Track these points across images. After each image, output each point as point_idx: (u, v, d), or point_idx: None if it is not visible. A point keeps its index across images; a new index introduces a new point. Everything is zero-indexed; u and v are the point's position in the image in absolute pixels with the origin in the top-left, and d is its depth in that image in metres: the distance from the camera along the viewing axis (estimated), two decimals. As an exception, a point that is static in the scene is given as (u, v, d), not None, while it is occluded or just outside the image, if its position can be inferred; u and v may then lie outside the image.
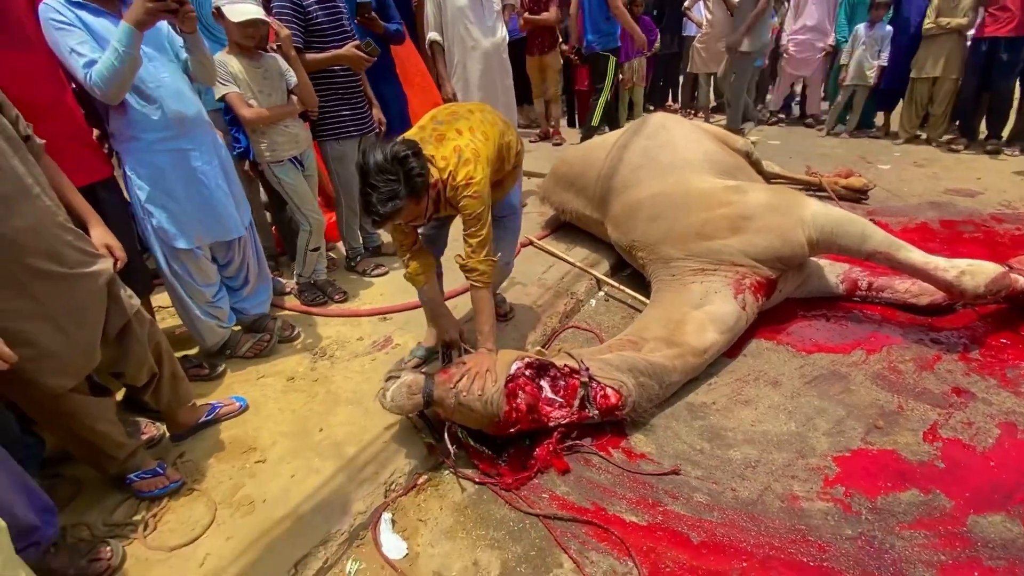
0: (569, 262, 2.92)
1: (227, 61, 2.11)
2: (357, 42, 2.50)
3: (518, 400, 1.67)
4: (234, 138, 2.43)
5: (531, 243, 3.14)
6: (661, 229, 2.33)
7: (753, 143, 3.55)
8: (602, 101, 4.43)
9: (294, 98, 2.33)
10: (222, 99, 2.14)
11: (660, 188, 2.43)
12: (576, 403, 1.73)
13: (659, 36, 5.92)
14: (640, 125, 2.87)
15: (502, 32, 3.30)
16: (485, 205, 1.66)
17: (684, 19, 6.12)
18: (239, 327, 2.23)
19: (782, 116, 6.21)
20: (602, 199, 2.76)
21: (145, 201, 1.82)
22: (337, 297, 2.62)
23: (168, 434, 1.80)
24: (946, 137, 4.83)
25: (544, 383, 1.75)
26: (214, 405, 1.86)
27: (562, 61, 5.28)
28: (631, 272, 2.79)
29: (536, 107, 5.62)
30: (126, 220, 1.86)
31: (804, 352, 2.21)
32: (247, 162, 2.47)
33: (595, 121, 4.46)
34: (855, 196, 3.65)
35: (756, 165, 3.22)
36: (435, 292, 1.94)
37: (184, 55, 1.84)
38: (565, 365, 1.78)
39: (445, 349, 1.92)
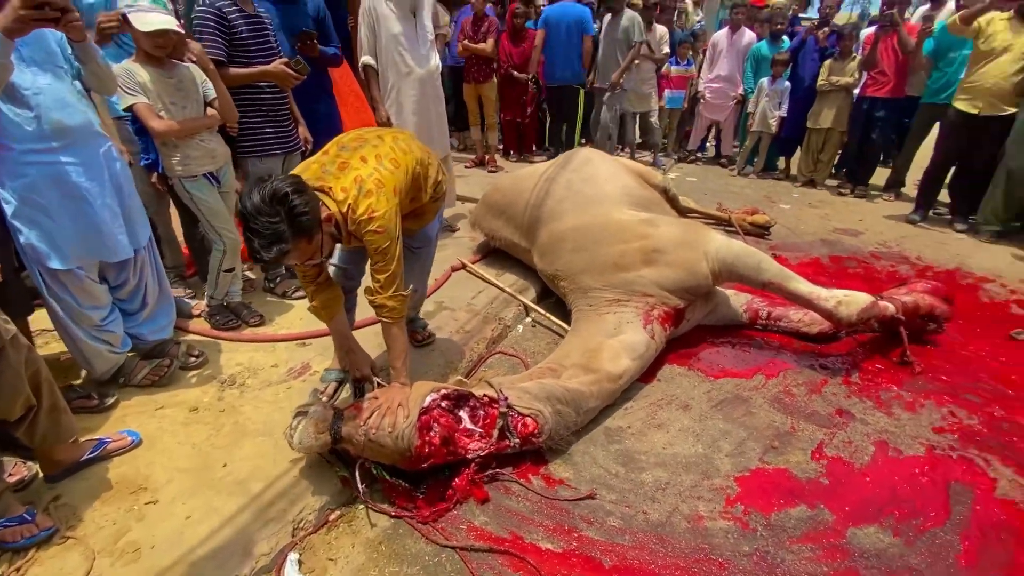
0: (498, 287, 2.96)
1: (135, 70, 1.99)
2: (285, 59, 2.44)
3: (431, 434, 1.64)
4: (142, 149, 2.28)
5: (463, 267, 3.16)
6: (582, 260, 2.43)
7: (672, 179, 3.82)
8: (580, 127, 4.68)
9: (211, 111, 2.23)
10: (128, 109, 2.00)
11: (582, 221, 2.53)
12: (495, 433, 1.72)
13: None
14: (567, 159, 3.00)
15: (435, 60, 3.35)
16: (392, 239, 1.57)
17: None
18: (134, 353, 2.05)
19: (699, 155, 6.72)
20: (530, 229, 2.84)
21: (12, 216, 1.65)
22: (252, 321, 2.49)
23: (42, 474, 1.61)
24: (835, 182, 5.44)
25: (463, 413, 1.74)
26: (101, 440, 1.69)
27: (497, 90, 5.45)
28: (557, 299, 2.87)
29: (472, 133, 5.72)
30: (2, 235, 1.68)
31: (712, 377, 2.36)
32: (155, 175, 2.31)
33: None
34: (759, 232, 4.00)
35: (673, 201, 3.45)
36: (343, 327, 1.85)
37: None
38: (484, 395, 1.78)
39: (356, 384, 1.85)
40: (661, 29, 5.67)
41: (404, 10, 3.09)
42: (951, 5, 4.62)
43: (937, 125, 4.46)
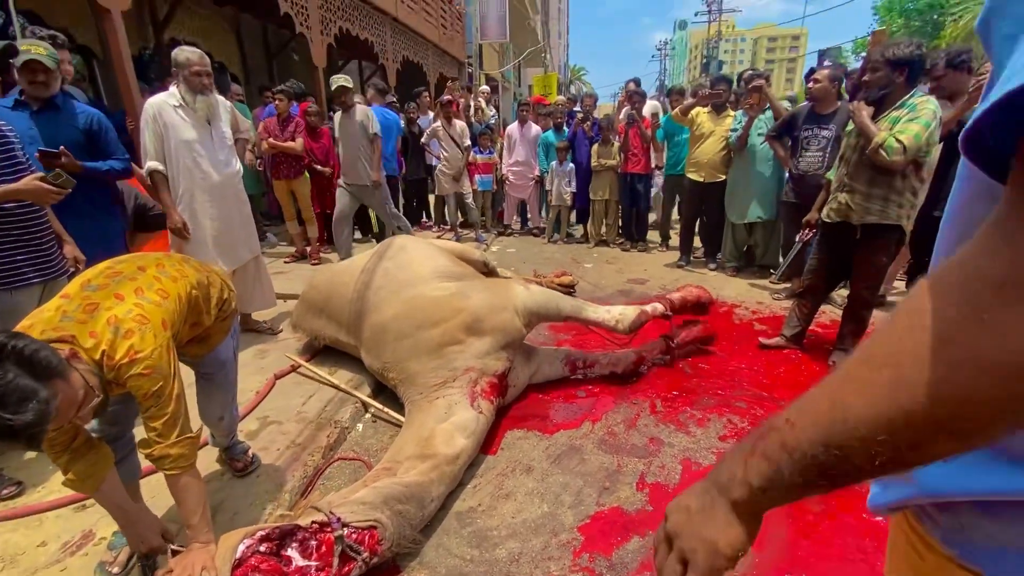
0: (333, 385, 2.83)
1: None
2: (40, 174, 2.14)
3: None
4: None
5: (292, 370, 2.96)
6: (406, 347, 2.49)
7: (495, 251, 4.16)
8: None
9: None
10: None
11: (401, 308, 2.60)
12: (335, 560, 1.56)
13: (405, 165, 6.70)
14: (384, 248, 3.08)
15: (236, 164, 3.26)
16: (165, 377, 1.38)
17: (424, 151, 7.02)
18: None
19: (514, 229, 7.45)
20: (353, 324, 2.82)
21: None
22: (5, 492, 1.97)
23: None
24: (618, 240, 6.52)
25: (291, 552, 1.53)
26: None
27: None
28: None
29: (289, 228, 5.55)
30: None
31: (548, 433, 2.55)
32: None
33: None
34: (567, 291, 4.54)
35: (492, 273, 3.75)
36: (116, 494, 1.52)
37: None
38: (312, 522, 1.60)
39: (145, 561, 1.57)
40: (460, 124, 6.36)
41: (197, 119, 3.00)
42: (650, 103, 6.27)
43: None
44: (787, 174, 4.45)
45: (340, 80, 4.73)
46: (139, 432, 1.52)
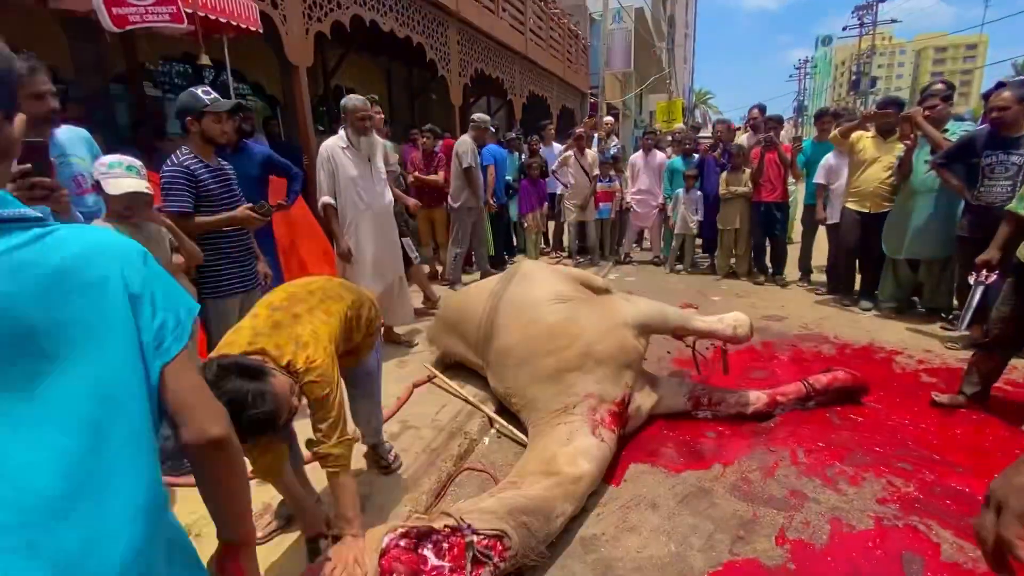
0: (464, 398, 3.02)
1: (105, 229, 2.10)
2: (250, 204, 2.64)
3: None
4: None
5: (428, 380, 3.24)
6: (526, 374, 2.57)
7: (612, 279, 4.17)
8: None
9: (176, 257, 2.33)
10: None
11: (520, 335, 2.68)
12: (468, 564, 1.65)
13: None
14: (511, 274, 3.22)
15: (389, 196, 3.70)
16: (331, 385, 1.60)
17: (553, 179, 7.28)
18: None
19: (632, 258, 7.35)
20: (480, 346, 2.98)
21: None
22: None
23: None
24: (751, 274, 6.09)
25: (427, 552, 1.64)
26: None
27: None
28: (518, 408, 2.95)
29: (423, 252, 6.08)
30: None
31: (674, 472, 2.46)
32: None
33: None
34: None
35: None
36: (292, 486, 1.77)
37: None
38: (445, 526, 1.70)
39: (311, 544, 1.77)
40: (592, 154, 6.55)
41: (360, 157, 3.48)
42: (787, 127, 5.79)
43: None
44: (962, 206, 3.86)
45: (481, 116, 5.28)
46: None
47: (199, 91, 2.44)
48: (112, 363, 0.74)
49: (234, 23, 3.71)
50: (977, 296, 3.50)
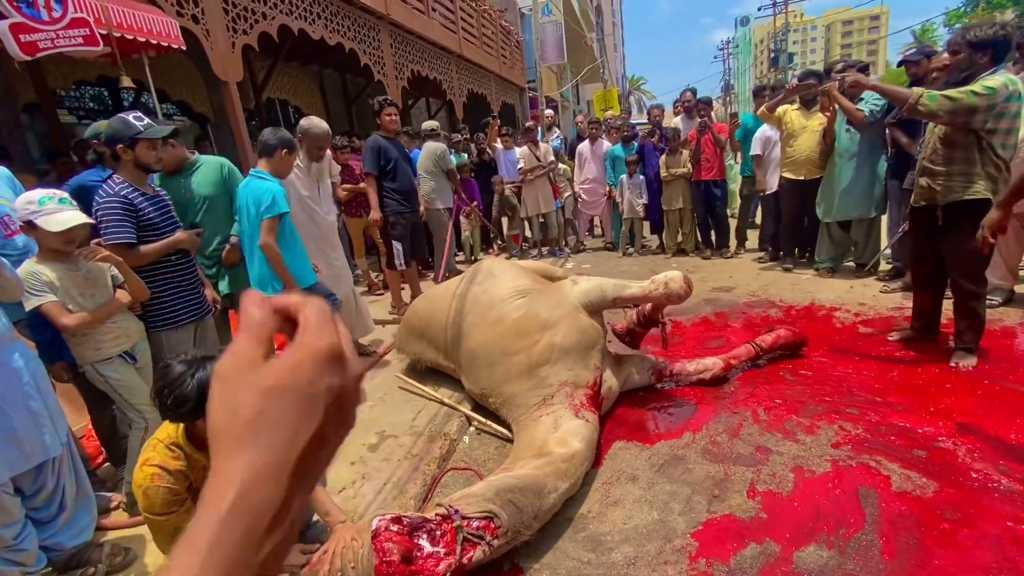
0: (438, 400, 3.03)
1: (40, 270, 1.98)
2: (184, 228, 2.58)
3: (389, 553, 1.63)
4: (39, 345, 2.18)
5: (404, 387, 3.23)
6: (499, 373, 2.62)
7: (570, 267, 4.28)
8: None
9: (120, 291, 2.23)
10: (34, 310, 1.96)
11: (489, 334, 2.72)
12: (459, 548, 1.71)
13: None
14: (473, 273, 3.24)
15: (334, 214, 3.74)
16: None
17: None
18: (50, 568, 1.82)
19: (585, 245, 7.53)
20: (450, 349, 3.00)
21: None
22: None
23: None
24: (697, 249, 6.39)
25: (422, 541, 1.71)
26: None
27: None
28: (493, 403, 3.00)
29: (359, 264, 5.95)
30: None
31: (648, 443, 2.58)
32: (60, 364, 2.21)
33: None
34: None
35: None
36: None
37: None
38: (436, 515, 1.78)
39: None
40: (544, 146, 6.66)
41: (311, 178, 3.45)
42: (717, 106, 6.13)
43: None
44: (886, 168, 4.23)
45: (432, 124, 5.37)
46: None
47: (130, 117, 2.33)
48: None
49: (154, 41, 3.55)
50: (894, 239, 4.04)
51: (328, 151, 3.78)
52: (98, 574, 1.85)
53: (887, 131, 4.32)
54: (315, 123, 3.45)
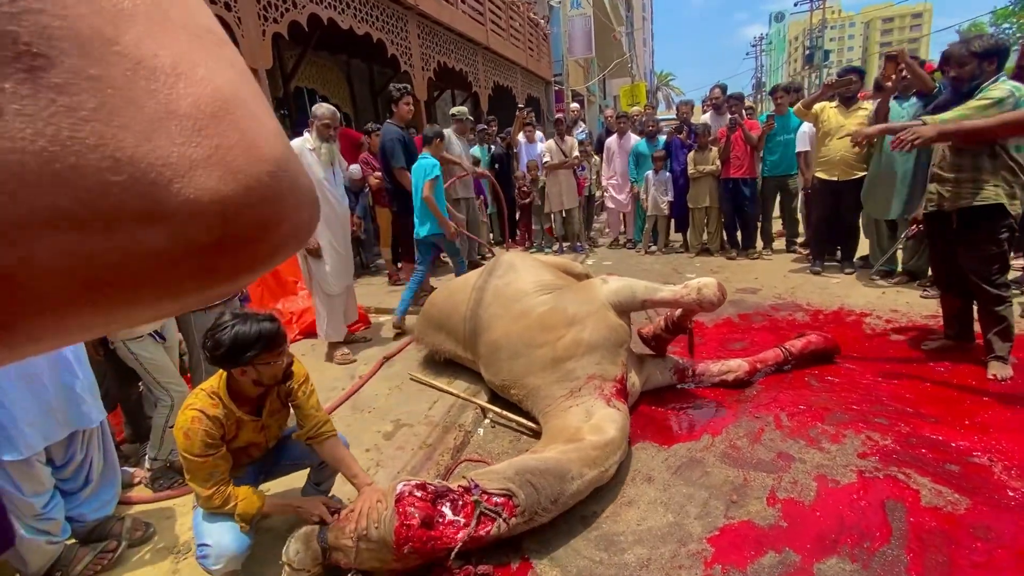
0: (452, 394, 3.03)
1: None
2: None
3: (411, 516, 1.72)
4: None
5: (399, 351, 3.25)
6: (522, 365, 2.60)
7: (591, 264, 4.22)
8: None
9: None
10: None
11: (512, 327, 2.71)
12: (474, 520, 1.79)
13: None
14: (493, 266, 3.22)
15: (346, 200, 3.75)
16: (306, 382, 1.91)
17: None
18: (74, 539, 1.87)
19: (619, 241, 7.41)
20: (469, 341, 2.99)
21: None
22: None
23: None
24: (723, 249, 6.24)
25: (445, 508, 1.81)
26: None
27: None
28: (509, 397, 2.98)
29: (384, 253, 5.97)
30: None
31: (666, 445, 2.53)
32: (94, 340, 2.27)
33: None
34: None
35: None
36: (274, 497, 1.89)
37: None
38: (459, 486, 1.88)
39: (322, 531, 1.78)
40: (571, 140, 6.54)
41: (324, 161, 3.47)
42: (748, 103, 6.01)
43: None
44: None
45: (461, 109, 5.35)
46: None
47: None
48: None
49: (188, 28, 3.60)
50: (895, 247, 4.32)
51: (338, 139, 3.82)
52: (120, 548, 1.89)
53: None
54: (319, 105, 3.53)
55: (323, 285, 3.53)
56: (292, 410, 1.89)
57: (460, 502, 1.82)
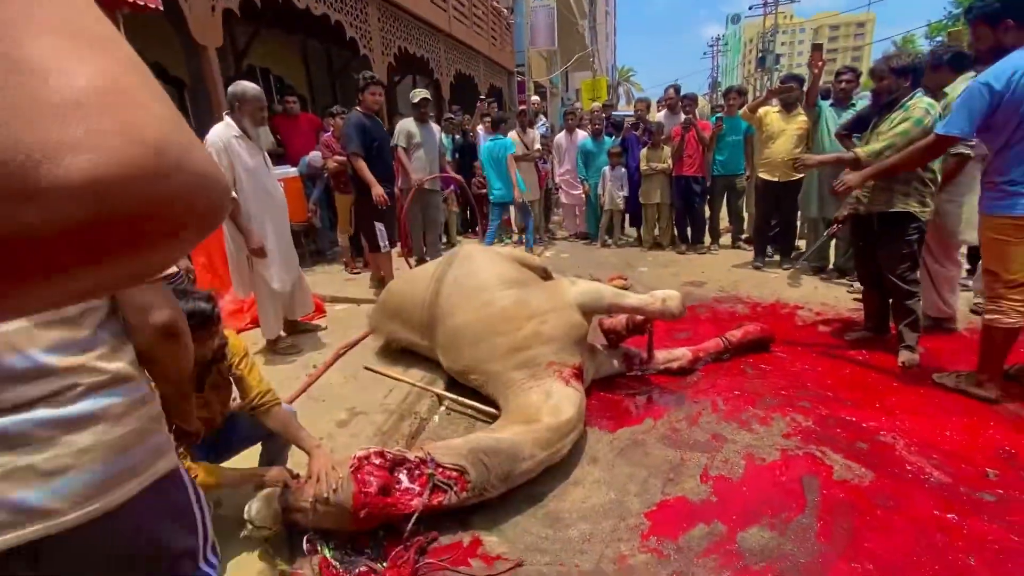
0: (408, 383, 3.07)
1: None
2: None
3: (368, 483, 1.81)
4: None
5: (368, 368, 3.24)
6: (484, 351, 2.68)
7: (548, 256, 4.33)
8: None
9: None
10: None
11: (472, 315, 2.78)
12: (427, 491, 1.90)
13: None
14: (451, 257, 3.28)
15: (281, 189, 3.51)
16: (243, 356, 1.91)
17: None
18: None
19: (565, 233, 7.60)
20: (427, 328, 3.04)
21: None
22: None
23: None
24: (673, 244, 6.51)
25: (401, 476, 1.93)
26: None
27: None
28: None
29: (341, 241, 5.84)
30: None
31: (611, 429, 2.68)
32: None
33: None
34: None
35: (548, 277, 3.91)
36: (231, 476, 1.89)
37: None
38: (416, 457, 1.98)
39: (283, 493, 1.84)
40: (533, 132, 6.61)
41: (255, 148, 3.24)
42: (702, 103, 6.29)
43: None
44: None
45: (422, 93, 5.07)
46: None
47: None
48: None
49: (130, 0, 3.43)
50: (818, 244, 4.71)
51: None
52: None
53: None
54: (246, 85, 3.21)
55: (269, 281, 3.29)
56: (235, 385, 1.89)
57: (416, 472, 1.94)
